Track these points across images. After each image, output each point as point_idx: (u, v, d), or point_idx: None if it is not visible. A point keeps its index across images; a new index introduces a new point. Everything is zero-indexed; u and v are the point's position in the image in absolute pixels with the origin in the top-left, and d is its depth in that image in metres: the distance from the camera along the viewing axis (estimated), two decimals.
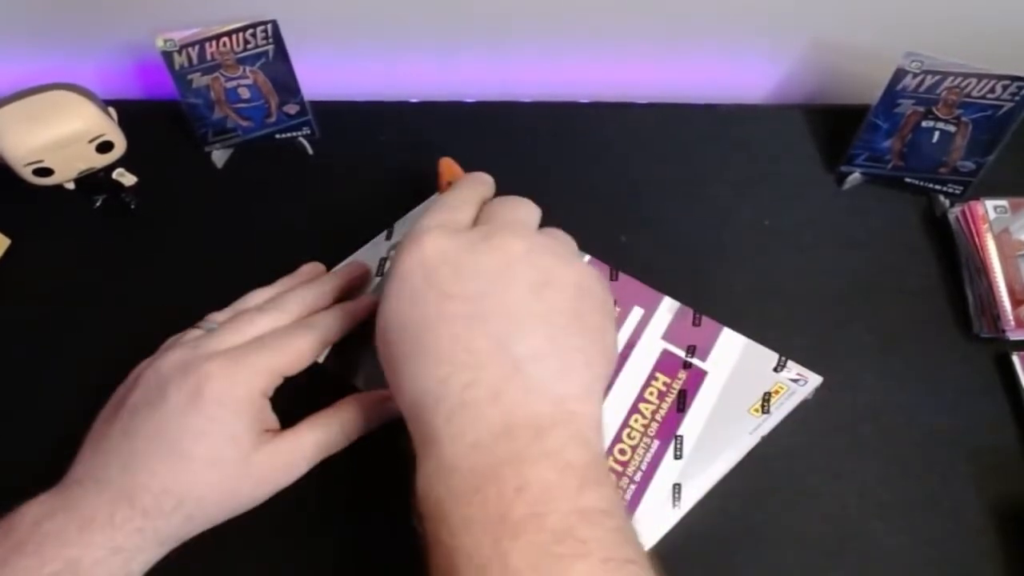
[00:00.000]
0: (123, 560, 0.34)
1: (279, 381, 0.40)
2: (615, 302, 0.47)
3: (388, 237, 0.50)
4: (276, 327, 0.41)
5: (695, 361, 0.45)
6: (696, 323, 0.47)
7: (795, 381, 0.44)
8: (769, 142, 0.58)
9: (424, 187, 0.53)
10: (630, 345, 0.46)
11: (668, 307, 0.47)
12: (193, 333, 0.42)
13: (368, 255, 0.50)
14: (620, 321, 0.47)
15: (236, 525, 0.39)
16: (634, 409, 0.44)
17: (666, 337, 0.46)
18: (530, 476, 0.29)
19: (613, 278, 0.49)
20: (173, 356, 0.39)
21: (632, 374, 0.45)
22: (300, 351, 0.40)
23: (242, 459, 0.37)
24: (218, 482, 0.36)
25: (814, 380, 0.45)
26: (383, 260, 0.49)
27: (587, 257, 0.49)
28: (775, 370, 0.45)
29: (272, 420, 0.39)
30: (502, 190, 0.53)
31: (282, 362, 0.39)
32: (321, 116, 0.56)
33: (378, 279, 0.48)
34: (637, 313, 0.47)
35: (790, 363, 0.45)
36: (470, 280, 0.34)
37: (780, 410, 0.44)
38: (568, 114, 0.60)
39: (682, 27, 0.57)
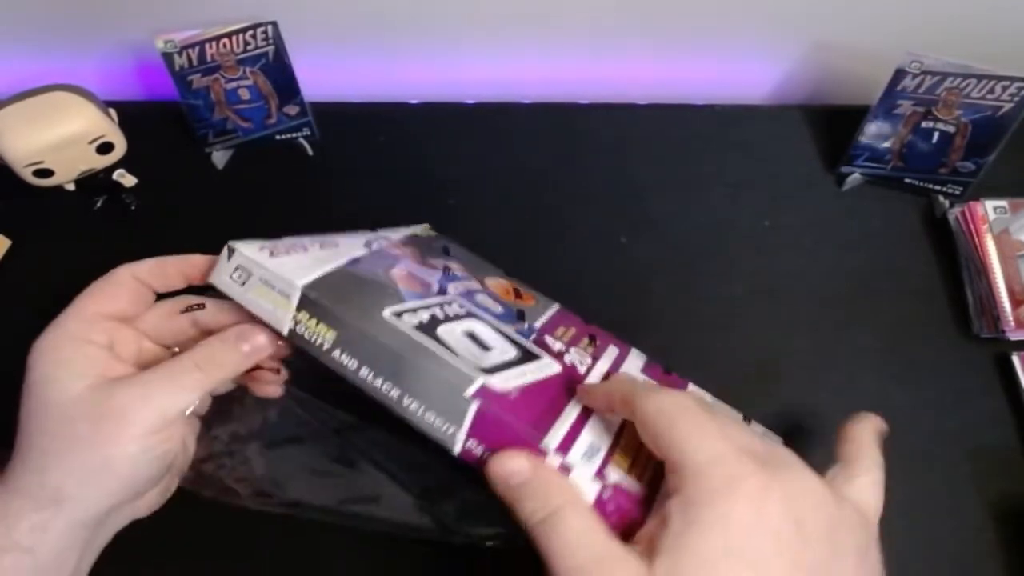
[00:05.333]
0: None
1: (106, 324, 0.40)
2: (594, 336, 0.43)
3: (372, 232, 0.45)
4: None
5: None
6: (666, 373, 0.43)
7: None
8: (769, 142, 0.58)
9: (423, 187, 0.53)
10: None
11: (636, 356, 0.43)
12: None
13: (350, 242, 0.44)
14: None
15: None
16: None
17: None
18: None
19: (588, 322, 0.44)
20: None
21: (600, 429, 0.36)
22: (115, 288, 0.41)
23: (97, 399, 0.36)
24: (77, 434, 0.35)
25: (774, 440, 0.41)
26: (355, 260, 0.42)
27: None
28: None
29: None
30: (502, 190, 0.54)
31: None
32: (321, 117, 0.56)
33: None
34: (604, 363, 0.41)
35: (754, 423, 0.42)
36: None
37: None
38: (568, 114, 0.60)
39: (682, 27, 0.57)
